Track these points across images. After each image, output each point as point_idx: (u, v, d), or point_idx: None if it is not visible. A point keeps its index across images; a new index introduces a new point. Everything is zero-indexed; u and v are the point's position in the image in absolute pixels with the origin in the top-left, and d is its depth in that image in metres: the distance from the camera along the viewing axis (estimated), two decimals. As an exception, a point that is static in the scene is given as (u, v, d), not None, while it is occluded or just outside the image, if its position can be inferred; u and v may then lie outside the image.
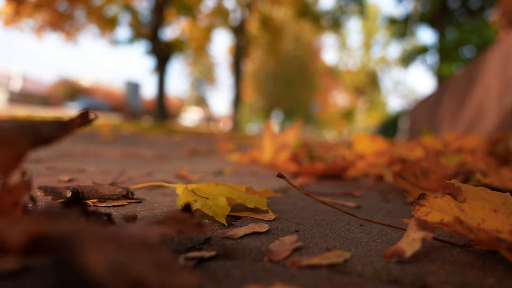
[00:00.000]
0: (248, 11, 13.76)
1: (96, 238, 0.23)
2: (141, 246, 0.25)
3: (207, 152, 2.37)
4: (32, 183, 0.33)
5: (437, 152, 1.69)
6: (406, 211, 0.74)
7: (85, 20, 11.23)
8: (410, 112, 8.95)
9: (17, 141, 0.28)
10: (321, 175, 1.27)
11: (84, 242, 0.22)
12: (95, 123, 6.41)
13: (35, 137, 0.30)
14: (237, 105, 14.50)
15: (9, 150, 0.29)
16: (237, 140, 5.16)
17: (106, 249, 0.22)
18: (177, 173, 1.15)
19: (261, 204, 0.60)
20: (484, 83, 3.89)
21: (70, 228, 0.23)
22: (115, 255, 0.22)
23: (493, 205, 0.45)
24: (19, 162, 0.30)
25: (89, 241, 0.22)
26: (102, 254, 0.21)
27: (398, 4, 13.88)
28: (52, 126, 0.32)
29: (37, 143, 0.30)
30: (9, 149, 0.29)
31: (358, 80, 27.47)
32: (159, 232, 0.29)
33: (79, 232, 0.23)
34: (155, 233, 0.29)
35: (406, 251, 0.39)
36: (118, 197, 0.66)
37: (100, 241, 0.23)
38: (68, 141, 2.40)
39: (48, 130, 0.31)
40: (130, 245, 0.25)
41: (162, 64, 11.64)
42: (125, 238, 0.25)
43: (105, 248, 0.22)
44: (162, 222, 0.34)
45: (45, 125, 0.31)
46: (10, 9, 9.86)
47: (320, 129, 31.99)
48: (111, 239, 0.24)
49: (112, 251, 0.22)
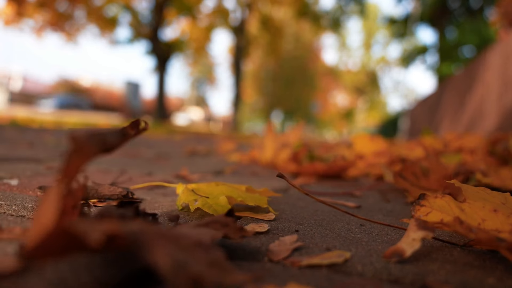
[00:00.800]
0: (248, 11, 13.76)
1: (161, 239, 0.26)
2: (197, 247, 0.28)
3: (207, 152, 2.37)
4: (87, 188, 0.35)
5: (437, 152, 1.69)
6: (406, 211, 0.74)
7: (85, 20, 11.24)
8: (410, 112, 8.95)
9: (90, 149, 0.31)
10: (321, 175, 1.27)
11: (152, 242, 0.24)
12: (95, 124, 6.39)
13: (103, 145, 0.32)
14: (237, 105, 14.50)
15: (82, 157, 0.31)
16: (237, 140, 5.16)
17: (169, 249, 0.25)
18: (177, 173, 1.15)
19: (261, 202, 0.60)
20: (484, 83, 3.89)
21: (139, 229, 0.26)
22: (177, 255, 0.25)
23: (493, 205, 0.45)
24: (83, 168, 0.33)
25: (156, 241, 0.25)
26: (167, 254, 0.24)
27: (398, 4, 13.87)
28: (116, 136, 0.34)
29: (102, 151, 0.32)
30: (82, 156, 0.31)
31: (358, 80, 27.47)
32: (211, 234, 0.32)
33: (147, 233, 0.25)
34: (207, 235, 0.32)
35: (406, 251, 0.39)
36: (118, 197, 0.66)
37: (164, 241, 0.26)
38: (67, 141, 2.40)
39: (113, 139, 0.33)
40: (188, 245, 0.27)
41: (162, 64, 11.64)
42: (182, 239, 0.28)
43: (169, 249, 0.25)
44: (208, 224, 0.37)
45: (111, 135, 0.33)
46: (11, 9, 9.86)
47: (320, 129, 31.99)
48: (172, 240, 0.27)
49: (174, 251, 0.25)
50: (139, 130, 0.38)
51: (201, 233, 0.32)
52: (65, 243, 0.26)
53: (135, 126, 0.38)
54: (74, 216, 0.35)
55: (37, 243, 0.26)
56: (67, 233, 0.25)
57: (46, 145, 1.96)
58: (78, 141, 0.30)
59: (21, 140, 2.15)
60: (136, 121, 0.38)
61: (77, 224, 0.25)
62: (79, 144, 0.30)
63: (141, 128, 0.38)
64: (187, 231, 0.33)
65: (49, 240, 0.25)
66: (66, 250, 0.27)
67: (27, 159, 1.26)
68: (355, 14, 14.80)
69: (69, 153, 0.30)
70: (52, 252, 0.26)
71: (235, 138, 6.10)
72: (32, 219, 0.50)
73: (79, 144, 0.30)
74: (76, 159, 0.31)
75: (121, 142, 0.35)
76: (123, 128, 0.36)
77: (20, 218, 0.50)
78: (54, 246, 0.26)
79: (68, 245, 0.26)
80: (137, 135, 0.38)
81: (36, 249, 0.26)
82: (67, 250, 0.27)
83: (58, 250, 0.27)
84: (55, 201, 0.28)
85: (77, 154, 0.30)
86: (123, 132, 0.35)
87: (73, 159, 0.31)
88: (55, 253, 0.27)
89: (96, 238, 0.23)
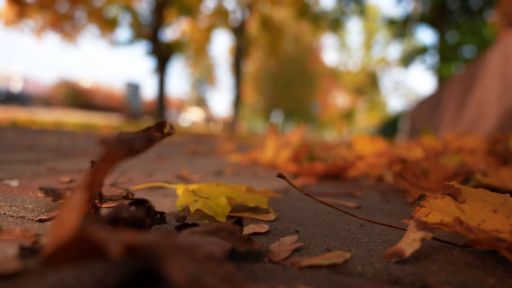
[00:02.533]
0: (248, 11, 13.77)
1: (176, 252, 0.27)
2: (209, 260, 0.29)
3: (208, 153, 2.37)
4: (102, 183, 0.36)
5: (437, 152, 1.69)
6: (406, 211, 0.74)
7: (85, 21, 11.25)
8: (410, 113, 8.95)
9: (119, 154, 0.32)
10: (322, 176, 1.27)
11: (167, 255, 0.26)
12: (96, 125, 6.38)
13: (130, 150, 0.33)
14: (237, 106, 14.50)
15: (111, 162, 0.32)
16: (237, 140, 5.16)
17: (184, 262, 0.26)
18: (177, 174, 1.15)
19: (261, 203, 0.60)
20: (484, 83, 3.89)
21: (156, 242, 0.27)
22: (191, 268, 0.26)
23: (493, 206, 0.45)
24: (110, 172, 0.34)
25: (171, 254, 0.26)
26: (182, 267, 0.25)
27: (397, 4, 13.88)
28: (143, 141, 0.35)
29: (129, 155, 0.33)
30: (111, 160, 0.32)
31: (358, 80, 27.47)
32: (222, 246, 0.34)
33: (163, 245, 0.27)
34: (219, 247, 0.33)
35: (406, 251, 0.39)
36: (118, 198, 0.66)
37: (179, 254, 0.27)
38: (68, 142, 2.40)
39: (140, 144, 0.34)
40: (201, 258, 0.29)
41: (163, 65, 11.64)
42: (195, 251, 0.29)
43: (183, 262, 0.26)
44: (215, 232, 0.38)
45: (139, 139, 0.34)
46: (11, 10, 9.87)
47: (320, 129, 31.98)
48: (186, 252, 0.28)
49: (189, 265, 0.26)
50: (164, 135, 0.39)
51: (213, 245, 0.33)
52: (83, 250, 0.27)
53: (159, 128, 0.38)
54: (88, 208, 0.36)
55: (56, 248, 0.26)
56: (87, 240, 0.26)
57: (47, 146, 1.96)
58: (109, 145, 0.31)
59: (21, 141, 2.15)
60: (161, 123, 0.38)
61: (97, 232, 0.25)
62: (109, 149, 0.31)
63: (165, 132, 0.39)
64: (199, 241, 0.34)
65: (69, 245, 0.26)
66: (82, 256, 0.27)
67: (27, 160, 1.27)
68: (355, 15, 14.81)
69: (101, 158, 0.31)
70: (69, 258, 0.27)
71: (235, 138, 6.11)
72: (33, 220, 0.50)
73: (110, 148, 0.31)
74: (106, 163, 0.32)
75: (147, 147, 0.35)
76: (149, 133, 0.37)
77: (20, 219, 0.50)
78: (71, 252, 0.27)
79: (86, 252, 0.27)
80: (163, 139, 0.39)
81: (55, 254, 0.26)
82: (83, 257, 0.28)
83: (75, 256, 0.27)
84: (78, 207, 0.28)
85: (107, 158, 0.31)
86: (150, 137, 0.36)
87: (103, 163, 0.32)
88: (71, 259, 0.27)
89: (115, 249, 0.24)
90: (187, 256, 0.28)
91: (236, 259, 0.39)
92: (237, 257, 0.39)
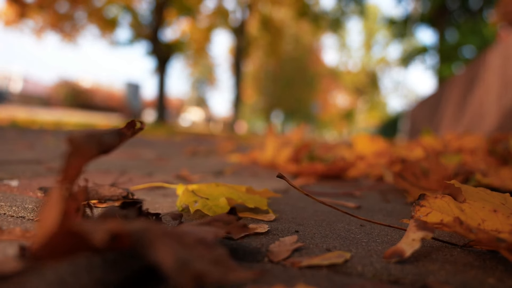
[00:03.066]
0: (248, 11, 13.77)
1: (164, 237, 0.26)
2: (199, 244, 0.28)
3: (208, 153, 2.37)
4: (88, 190, 0.35)
5: (437, 152, 1.69)
6: (406, 211, 0.74)
7: (85, 21, 11.25)
8: (410, 113, 8.95)
9: (87, 150, 0.31)
10: (321, 176, 1.27)
11: (155, 240, 0.24)
12: (96, 125, 6.39)
13: (100, 146, 0.32)
14: (237, 106, 14.50)
15: (81, 159, 0.31)
16: (237, 140, 5.16)
17: (172, 247, 0.25)
18: (177, 174, 1.15)
19: (261, 204, 0.60)
20: (484, 84, 3.89)
21: (142, 227, 0.26)
22: (180, 253, 0.25)
23: (493, 206, 0.45)
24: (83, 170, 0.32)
25: (159, 239, 0.25)
26: (170, 252, 0.24)
27: (398, 4, 13.88)
28: (113, 136, 0.34)
29: (100, 152, 0.32)
30: (81, 157, 0.31)
31: (358, 80, 27.47)
32: (214, 232, 0.32)
33: (150, 231, 0.25)
34: (210, 233, 0.32)
35: (406, 251, 0.39)
36: (118, 198, 0.66)
37: (167, 239, 0.26)
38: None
39: (110, 140, 0.33)
40: (191, 243, 0.27)
41: (163, 65, 11.64)
42: (185, 237, 0.28)
43: (172, 246, 0.25)
44: (210, 223, 0.38)
45: (108, 135, 0.33)
46: (11, 10, 9.87)
47: (320, 129, 31.98)
48: (175, 237, 0.27)
49: (177, 249, 0.25)
50: (135, 130, 0.38)
51: (204, 231, 0.33)
52: (69, 244, 0.26)
53: (131, 126, 0.38)
54: (77, 218, 0.35)
55: (41, 244, 0.26)
56: (72, 234, 0.25)
57: (46, 146, 1.96)
58: (76, 142, 0.30)
59: (21, 141, 2.15)
60: (132, 121, 0.38)
61: (81, 224, 0.25)
62: (76, 146, 0.30)
63: (137, 128, 0.38)
64: (190, 229, 0.33)
65: (54, 241, 0.26)
66: (70, 251, 0.27)
67: (27, 160, 1.27)
68: (355, 15, 14.81)
69: (68, 155, 0.30)
70: (57, 253, 0.27)
71: (234, 138, 6.11)
72: (33, 220, 0.50)
73: (76, 145, 0.30)
74: (75, 160, 0.31)
75: (119, 143, 0.35)
76: (120, 129, 0.36)
77: (20, 219, 0.50)
78: (58, 247, 0.26)
79: (73, 245, 0.27)
80: (134, 135, 0.38)
81: (41, 250, 0.26)
82: (71, 251, 0.27)
83: (62, 251, 0.27)
84: (57, 202, 0.28)
85: (76, 155, 0.30)
86: (120, 132, 0.35)
87: (72, 160, 0.31)
88: (59, 254, 0.27)
89: (100, 237, 0.23)
90: (176, 242, 0.27)
91: (236, 259, 0.39)
92: (238, 257, 0.39)
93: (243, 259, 0.39)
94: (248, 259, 0.39)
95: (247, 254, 0.41)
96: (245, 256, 0.40)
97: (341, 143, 5.62)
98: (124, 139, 0.36)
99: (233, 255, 0.39)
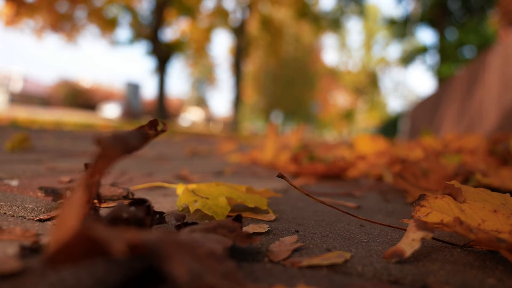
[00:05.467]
0: (248, 11, 13.78)
1: (178, 249, 0.27)
2: (210, 257, 0.29)
3: (208, 153, 2.37)
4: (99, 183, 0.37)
5: (437, 153, 1.69)
6: (406, 211, 0.74)
7: (85, 21, 11.25)
8: (410, 113, 8.95)
9: (114, 152, 0.31)
10: (322, 176, 1.27)
11: (170, 253, 0.26)
12: (96, 124, 6.38)
13: (125, 147, 0.32)
14: (237, 106, 14.50)
15: (107, 160, 0.32)
16: (237, 140, 5.16)
17: (186, 260, 0.26)
18: (177, 174, 1.15)
19: (261, 203, 0.60)
20: (484, 83, 3.89)
21: (159, 239, 0.27)
22: (193, 266, 0.26)
23: (493, 206, 0.45)
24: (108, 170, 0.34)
25: (174, 252, 0.26)
26: (184, 265, 0.25)
27: (398, 4, 13.87)
28: (138, 138, 0.35)
29: (125, 153, 0.33)
30: (108, 159, 0.32)
31: (358, 80, 27.46)
32: (223, 243, 0.34)
33: (166, 243, 0.27)
34: (220, 244, 0.33)
35: (406, 251, 0.39)
36: (118, 198, 0.66)
37: (181, 252, 0.27)
38: (68, 142, 2.40)
39: (135, 141, 0.34)
40: (202, 256, 0.29)
41: (163, 65, 11.65)
42: (197, 248, 0.29)
43: (185, 259, 0.26)
44: (215, 229, 0.38)
45: (133, 137, 0.34)
46: (10, 9, 9.87)
47: (320, 129, 31.97)
48: (188, 250, 0.28)
49: (190, 262, 0.26)
50: (158, 132, 0.38)
51: (213, 241, 0.34)
52: (85, 248, 0.27)
53: (153, 125, 0.38)
54: (87, 209, 0.36)
55: (58, 248, 0.26)
56: (89, 239, 0.26)
57: (47, 146, 1.96)
58: (104, 144, 0.30)
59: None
60: (154, 120, 0.38)
61: (100, 231, 0.25)
62: (105, 147, 0.31)
63: (159, 129, 0.39)
64: (200, 238, 0.34)
65: (71, 245, 0.26)
66: (85, 255, 0.28)
67: (27, 160, 1.27)
68: (355, 15, 14.81)
69: (96, 156, 0.31)
70: (72, 257, 0.27)
71: (235, 138, 6.11)
72: (33, 220, 0.50)
73: (105, 147, 0.31)
74: (102, 161, 0.32)
75: (142, 144, 0.35)
76: (144, 130, 0.37)
77: (20, 218, 0.50)
78: (74, 251, 0.27)
79: (88, 250, 0.27)
80: (156, 136, 0.38)
81: (57, 254, 0.26)
82: (86, 256, 0.28)
83: (78, 255, 0.27)
84: (78, 206, 0.28)
85: (103, 156, 0.31)
86: (144, 134, 0.36)
87: (99, 162, 0.31)
88: (74, 258, 0.27)
89: (119, 248, 0.24)
90: (189, 254, 0.28)
91: (237, 259, 0.39)
92: (238, 257, 0.39)
93: (243, 259, 0.39)
94: (248, 259, 0.39)
95: (247, 254, 0.41)
96: (245, 256, 0.40)
97: (341, 143, 5.62)
98: (148, 141, 0.36)
99: (233, 254, 0.40)
